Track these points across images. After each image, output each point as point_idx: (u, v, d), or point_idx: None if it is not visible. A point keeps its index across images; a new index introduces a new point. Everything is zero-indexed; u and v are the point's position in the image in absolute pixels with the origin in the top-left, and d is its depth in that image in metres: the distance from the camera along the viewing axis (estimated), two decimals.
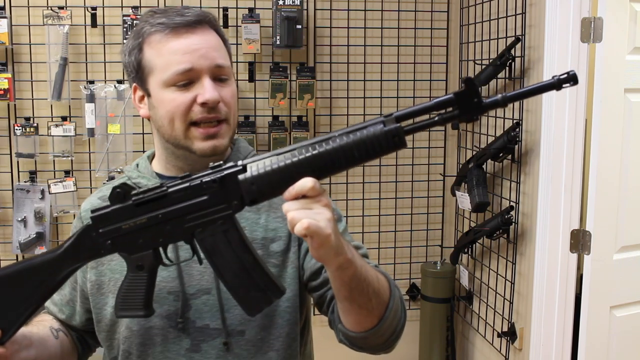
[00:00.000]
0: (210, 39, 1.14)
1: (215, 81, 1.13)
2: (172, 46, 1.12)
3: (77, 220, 1.30)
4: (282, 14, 2.76)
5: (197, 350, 1.16)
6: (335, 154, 0.92)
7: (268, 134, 2.86)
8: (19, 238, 2.73)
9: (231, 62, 1.20)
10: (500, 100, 0.91)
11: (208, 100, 1.10)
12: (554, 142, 2.29)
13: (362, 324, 1.07)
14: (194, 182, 0.98)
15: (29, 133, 2.70)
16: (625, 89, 2.28)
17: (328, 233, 0.90)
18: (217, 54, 1.13)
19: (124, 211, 1.01)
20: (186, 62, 1.10)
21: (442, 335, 2.95)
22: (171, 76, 1.11)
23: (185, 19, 1.12)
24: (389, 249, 3.07)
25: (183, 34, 1.12)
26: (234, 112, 1.17)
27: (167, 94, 1.13)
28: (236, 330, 1.16)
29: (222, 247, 1.00)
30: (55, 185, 2.73)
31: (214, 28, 1.16)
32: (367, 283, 1.03)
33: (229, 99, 1.15)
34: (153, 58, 1.13)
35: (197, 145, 1.14)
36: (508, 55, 2.49)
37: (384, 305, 1.07)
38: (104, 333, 1.23)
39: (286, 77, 2.85)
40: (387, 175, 3.05)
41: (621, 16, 2.23)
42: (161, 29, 1.12)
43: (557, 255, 2.33)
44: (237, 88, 1.23)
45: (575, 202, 2.32)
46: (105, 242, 1.03)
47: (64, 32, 2.69)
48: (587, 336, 2.32)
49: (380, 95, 3.02)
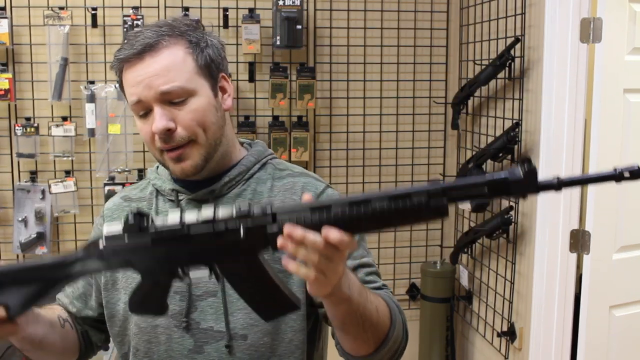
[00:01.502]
0: (158, 62, 1.11)
1: (170, 105, 1.12)
2: (126, 77, 1.15)
3: (99, 220, 1.32)
4: (282, 15, 2.77)
5: (200, 352, 1.17)
6: (373, 218, 0.86)
7: (268, 134, 2.86)
8: (19, 238, 2.74)
9: (207, 71, 1.16)
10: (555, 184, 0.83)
11: (155, 131, 1.12)
12: (554, 142, 2.29)
13: (357, 350, 1.07)
14: (219, 227, 0.92)
15: (30, 133, 2.70)
16: (625, 89, 2.28)
17: (327, 292, 0.91)
18: (163, 79, 1.11)
19: (140, 243, 0.95)
20: (134, 94, 1.13)
21: (442, 335, 2.96)
22: (131, 108, 1.17)
23: (133, 49, 1.12)
24: (389, 248, 3.07)
25: (134, 64, 1.13)
26: (203, 129, 1.14)
27: (138, 123, 1.18)
28: (239, 334, 1.16)
29: (241, 272, 0.97)
30: (55, 185, 2.73)
31: (173, 39, 1.13)
32: (364, 318, 1.01)
33: (186, 121, 1.12)
34: (125, 91, 1.18)
35: (171, 168, 1.18)
36: (508, 55, 2.49)
37: (382, 335, 1.06)
38: (116, 329, 1.25)
39: (286, 77, 2.85)
40: (387, 176, 3.05)
41: (621, 16, 2.24)
42: (121, 62, 1.15)
43: (557, 255, 2.34)
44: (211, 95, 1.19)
45: (574, 202, 2.32)
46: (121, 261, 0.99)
47: (65, 33, 2.70)
48: (587, 336, 2.32)
49: (380, 96, 3.02)
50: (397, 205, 0.85)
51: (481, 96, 2.81)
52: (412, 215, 0.86)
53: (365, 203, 0.86)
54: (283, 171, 1.27)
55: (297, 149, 2.87)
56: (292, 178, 1.25)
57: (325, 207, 0.87)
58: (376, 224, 0.87)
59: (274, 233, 0.89)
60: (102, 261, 0.98)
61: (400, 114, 3.04)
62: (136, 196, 1.29)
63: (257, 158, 1.25)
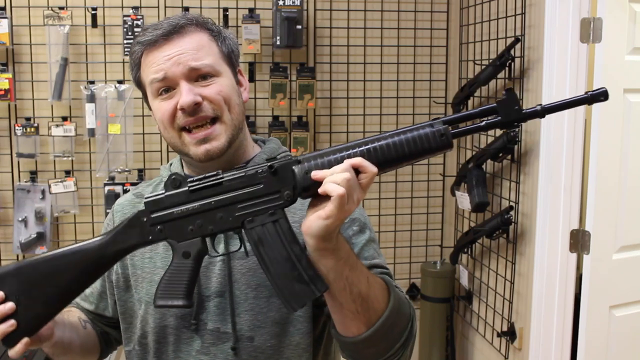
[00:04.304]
0: (187, 42, 1.14)
1: (197, 82, 1.13)
2: (150, 59, 1.15)
3: (109, 217, 1.32)
4: (282, 15, 2.77)
5: (207, 353, 1.17)
6: (387, 149, 0.97)
7: (268, 134, 2.86)
8: (19, 238, 2.74)
9: (229, 59, 1.19)
10: (539, 110, 1.01)
11: (182, 105, 1.11)
12: (554, 142, 2.29)
13: (348, 327, 1.04)
14: (250, 171, 1.01)
15: (30, 133, 2.70)
16: (625, 89, 2.28)
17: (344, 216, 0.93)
18: (191, 56, 1.13)
19: (178, 197, 1.03)
20: (160, 70, 1.13)
21: (442, 335, 2.96)
22: (151, 88, 1.15)
23: (161, 30, 1.13)
24: (389, 248, 3.07)
25: (160, 45, 1.13)
26: (228, 108, 1.15)
27: (155, 104, 1.16)
28: (245, 336, 1.15)
29: (270, 237, 1.00)
30: (55, 185, 2.74)
31: (198, 27, 1.16)
32: (351, 283, 1.00)
33: (213, 96, 1.13)
34: (143, 74, 1.17)
35: (192, 151, 1.14)
36: (508, 55, 2.50)
37: (373, 313, 1.03)
38: (124, 325, 1.26)
39: (286, 78, 2.86)
40: (386, 176, 3.05)
41: (620, 16, 2.24)
42: (145, 46, 1.15)
43: (557, 255, 2.34)
44: (234, 81, 1.21)
45: (574, 202, 2.32)
46: (155, 228, 1.04)
47: (65, 33, 2.70)
48: (587, 336, 2.32)
49: (380, 96, 3.02)
50: (407, 135, 0.97)
51: (481, 96, 2.81)
52: (422, 142, 0.97)
53: (378, 139, 0.98)
54: None
55: (297, 149, 2.87)
56: None
57: (344, 146, 0.98)
58: (393, 155, 0.97)
59: (301, 169, 0.97)
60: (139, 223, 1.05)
61: (400, 114, 3.04)
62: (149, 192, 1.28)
63: (269, 156, 1.24)
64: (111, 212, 1.32)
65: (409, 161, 0.98)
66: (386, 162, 0.97)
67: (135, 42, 1.18)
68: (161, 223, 1.04)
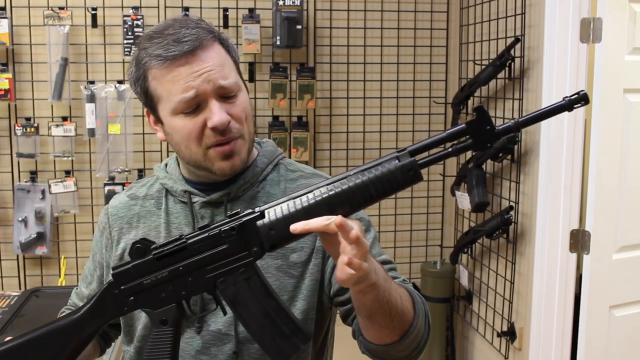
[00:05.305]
0: (212, 58, 1.11)
1: (222, 100, 1.12)
2: (173, 76, 1.10)
3: (103, 220, 1.30)
4: (282, 15, 2.77)
5: (207, 353, 1.17)
6: (352, 193, 0.92)
7: (268, 134, 2.86)
8: (19, 238, 2.74)
9: (238, 67, 1.18)
10: (512, 126, 0.93)
11: (216, 125, 1.09)
12: (554, 142, 2.29)
13: (382, 339, 1.06)
14: (213, 232, 0.98)
15: (30, 133, 2.70)
16: (625, 89, 2.28)
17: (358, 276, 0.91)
18: (219, 74, 1.11)
19: (145, 266, 1.01)
20: (190, 88, 1.09)
21: (442, 335, 2.96)
22: (177, 105, 1.11)
23: (183, 47, 1.09)
24: (389, 248, 3.07)
25: (183, 62, 1.09)
26: (248, 124, 1.15)
27: (177, 121, 1.12)
28: (248, 338, 1.15)
29: (245, 295, 0.99)
30: (55, 185, 2.74)
31: (214, 39, 1.13)
32: (390, 305, 1.01)
33: (239, 114, 1.13)
34: (158, 88, 1.13)
35: (217, 166, 1.14)
36: (508, 55, 2.49)
37: (406, 324, 1.05)
38: (125, 328, 1.26)
39: (286, 78, 2.86)
40: None
41: (620, 16, 2.23)
42: (161, 62, 1.10)
43: (557, 255, 2.34)
44: (247, 91, 1.21)
45: (574, 202, 2.32)
46: (128, 299, 1.02)
47: (65, 33, 2.70)
48: (587, 336, 2.32)
49: (380, 96, 3.02)
50: (372, 175, 0.92)
51: (481, 96, 2.81)
52: (389, 181, 0.92)
53: (342, 180, 0.93)
54: (295, 172, 1.26)
55: (297, 149, 2.87)
56: (304, 180, 1.24)
57: (306, 193, 0.94)
58: (359, 198, 0.92)
59: (264, 226, 0.95)
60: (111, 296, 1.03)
61: (400, 114, 3.05)
62: (143, 194, 1.28)
63: (269, 159, 1.24)
64: (105, 214, 1.30)
65: (377, 201, 0.94)
66: (352, 207, 0.93)
67: (142, 49, 1.13)
68: (133, 294, 1.02)
